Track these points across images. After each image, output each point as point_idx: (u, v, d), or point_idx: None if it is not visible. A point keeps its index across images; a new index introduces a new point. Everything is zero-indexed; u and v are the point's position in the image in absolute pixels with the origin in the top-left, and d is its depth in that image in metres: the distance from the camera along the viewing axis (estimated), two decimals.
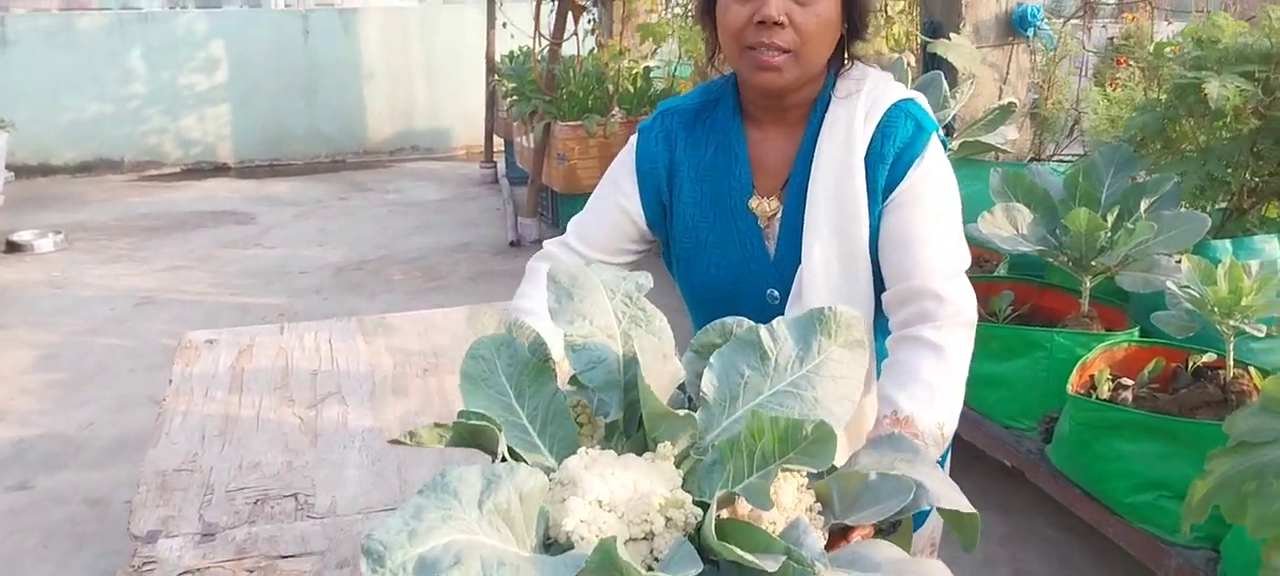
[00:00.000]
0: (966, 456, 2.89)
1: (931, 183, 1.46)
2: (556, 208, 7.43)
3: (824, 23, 1.40)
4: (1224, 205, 3.15)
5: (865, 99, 1.47)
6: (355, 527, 1.84)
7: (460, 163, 11.05)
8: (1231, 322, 2.39)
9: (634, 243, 1.62)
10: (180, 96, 10.79)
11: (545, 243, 1.67)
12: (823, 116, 1.49)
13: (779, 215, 1.51)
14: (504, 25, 9.26)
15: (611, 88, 7.30)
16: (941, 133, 1.56)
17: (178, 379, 2.75)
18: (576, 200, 6.88)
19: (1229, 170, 2.99)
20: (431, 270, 6.49)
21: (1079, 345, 2.89)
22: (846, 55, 1.51)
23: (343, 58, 11.28)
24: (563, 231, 1.68)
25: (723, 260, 1.53)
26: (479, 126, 10.12)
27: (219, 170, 10.83)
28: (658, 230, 1.60)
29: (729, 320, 1.21)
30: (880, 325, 1.54)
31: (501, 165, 9.47)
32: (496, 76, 9.07)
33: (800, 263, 1.47)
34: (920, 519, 1.57)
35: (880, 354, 1.54)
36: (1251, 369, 2.57)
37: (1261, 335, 2.37)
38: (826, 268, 1.45)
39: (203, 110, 10.89)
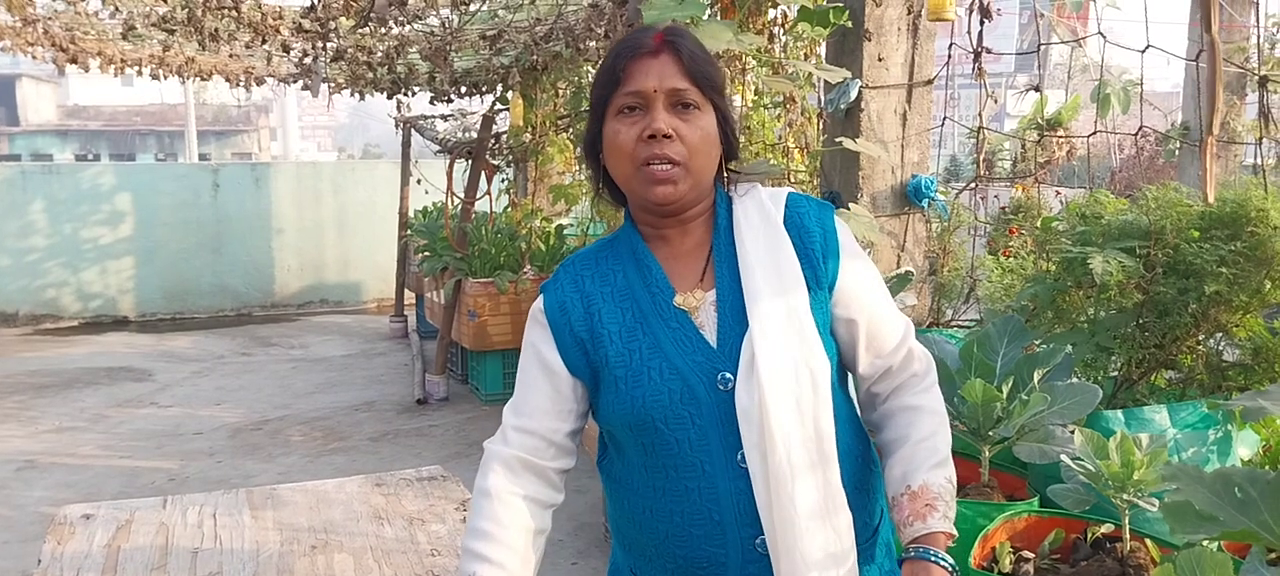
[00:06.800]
0: None
1: (861, 258, 1.60)
2: (466, 364, 7.34)
3: (706, 137, 1.50)
4: (1115, 374, 3.23)
5: (763, 193, 1.60)
6: None
7: (371, 316, 10.93)
8: (1125, 497, 2.41)
9: (569, 402, 1.59)
10: (81, 249, 10.55)
11: (486, 444, 1.61)
12: (727, 214, 1.58)
13: (711, 302, 1.52)
14: (418, 182, 9.34)
15: (524, 246, 7.33)
16: None
17: (47, 559, 2.59)
18: (486, 357, 6.83)
19: (1117, 342, 3.08)
20: (333, 430, 6.31)
21: (980, 515, 2.88)
22: (726, 171, 1.61)
23: (253, 211, 11.19)
24: (471, 388, 1.66)
25: (665, 364, 1.49)
26: (391, 280, 10.06)
27: (119, 324, 10.54)
28: (582, 375, 1.57)
29: None
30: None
31: (413, 319, 9.39)
32: (409, 232, 9.08)
33: (742, 337, 1.48)
34: None
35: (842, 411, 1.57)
36: (1147, 541, 2.59)
37: (1153, 509, 2.40)
38: (776, 331, 1.47)
39: (105, 263, 10.65)
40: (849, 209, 3.74)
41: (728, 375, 1.47)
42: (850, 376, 1.66)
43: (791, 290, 1.50)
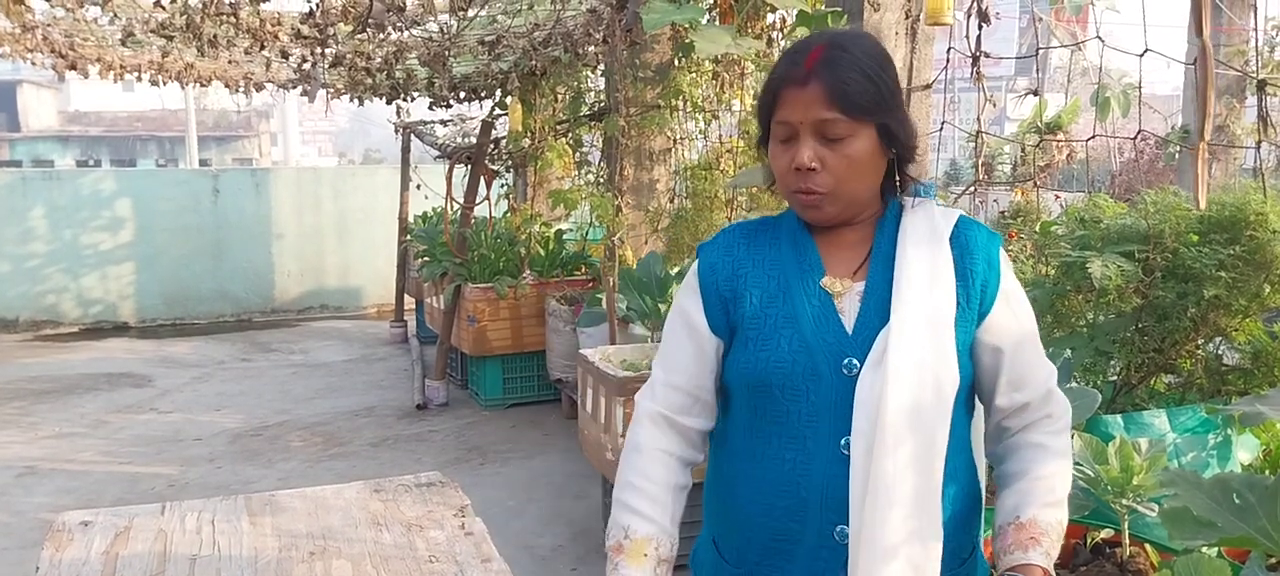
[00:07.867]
0: None
1: (1019, 296, 1.60)
2: (465, 370, 7.33)
3: (856, 162, 1.51)
4: (1114, 379, 3.23)
5: (934, 209, 1.60)
6: None
7: (371, 321, 10.92)
8: (1124, 502, 2.40)
9: (711, 360, 1.64)
10: (82, 255, 10.55)
11: (638, 398, 1.67)
12: (895, 219, 1.59)
13: (857, 292, 1.55)
14: (417, 187, 9.33)
15: (523, 251, 7.33)
16: None
17: (46, 566, 2.58)
18: (486, 362, 6.83)
19: (1116, 345, 3.07)
20: (333, 436, 6.31)
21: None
22: (901, 175, 1.61)
23: (253, 216, 11.19)
24: (471, 393, 1.69)
25: (796, 335, 1.53)
26: (391, 285, 10.05)
27: (119, 330, 10.54)
28: (721, 333, 1.62)
29: None
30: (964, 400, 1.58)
31: (412, 324, 9.38)
32: (409, 237, 9.07)
33: (880, 331, 1.50)
34: None
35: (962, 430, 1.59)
36: (1147, 545, 2.58)
37: (1153, 514, 2.39)
38: (915, 333, 1.48)
39: (105, 269, 10.65)
40: None
41: (854, 361, 1.50)
42: (979, 409, 1.67)
43: (940, 301, 1.52)
